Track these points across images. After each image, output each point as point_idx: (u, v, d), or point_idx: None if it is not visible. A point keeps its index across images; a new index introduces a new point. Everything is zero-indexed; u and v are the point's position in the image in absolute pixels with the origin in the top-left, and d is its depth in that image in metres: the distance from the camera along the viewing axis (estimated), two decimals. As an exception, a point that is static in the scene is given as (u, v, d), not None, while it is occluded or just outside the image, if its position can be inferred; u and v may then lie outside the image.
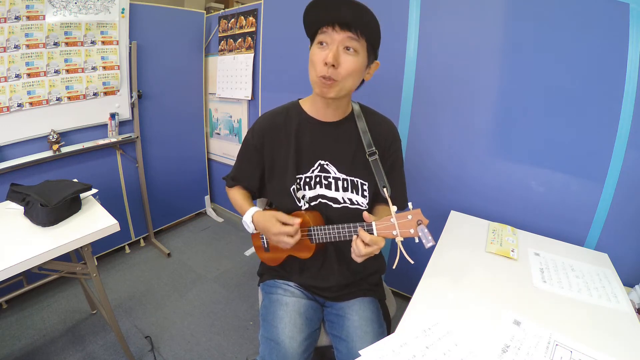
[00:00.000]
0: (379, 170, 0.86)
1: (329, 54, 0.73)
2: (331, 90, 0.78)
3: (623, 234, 1.14)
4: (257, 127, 0.93)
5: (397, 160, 0.95)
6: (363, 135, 0.89)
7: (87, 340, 1.51)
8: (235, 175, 1.01)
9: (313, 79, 0.79)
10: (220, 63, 2.32)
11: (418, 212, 0.72)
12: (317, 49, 0.77)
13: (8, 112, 1.52)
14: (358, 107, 0.93)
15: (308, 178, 0.90)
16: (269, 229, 0.86)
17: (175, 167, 2.41)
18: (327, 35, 0.75)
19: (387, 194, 0.82)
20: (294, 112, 0.92)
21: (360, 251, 0.75)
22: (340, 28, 0.74)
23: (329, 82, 0.76)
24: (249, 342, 1.54)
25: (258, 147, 0.92)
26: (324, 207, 0.90)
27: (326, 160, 0.90)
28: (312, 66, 0.79)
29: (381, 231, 0.75)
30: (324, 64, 0.74)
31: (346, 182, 0.90)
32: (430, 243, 0.69)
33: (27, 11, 1.49)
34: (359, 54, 0.76)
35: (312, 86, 0.81)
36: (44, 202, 1.08)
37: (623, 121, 1.06)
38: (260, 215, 0.90)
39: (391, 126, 0.95)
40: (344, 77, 0.76)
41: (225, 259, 2.18)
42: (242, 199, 0.98)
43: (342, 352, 0.86)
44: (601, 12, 1.05)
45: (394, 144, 0.93)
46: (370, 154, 0.87)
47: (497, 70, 1.28)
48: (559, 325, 0.73)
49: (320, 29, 0.76)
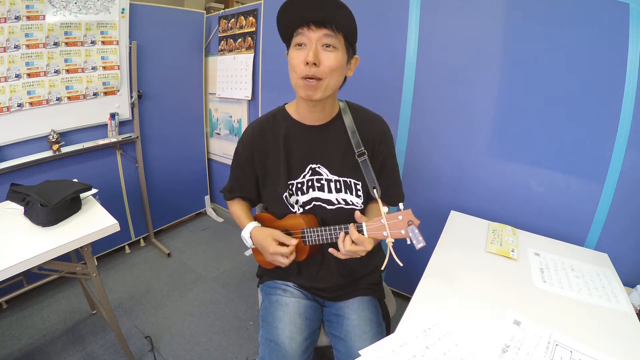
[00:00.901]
0: (369, 171, 0.86)
1: (309, 53, 0.72)
2: (317, 92, 0.77)
3: (623, 234, 1.13)
4: (245, 137, 0.93)
5: (389, 156, 0.93)
6: (351, 135, 0.88)
7: (87, 340, 1.51)
8: (231, 186, 1.01)
9: (296, 82, 0.78)
10: (220, 63, 2.32)
11: (409, 212, 0.71)
12: (296, 51, 0.76)
13: (8, 112, 1.52)
14: (345, 105, 0.92)
15: (300, 183, 0.90)
16: (265, 248, 0.87)
17: (175, 167, 2.41)
18: (303, 36, 0.74)
19: (377, 195, 0.82)
20: (280, 118, 0.92)
21: (345, 247, 0.75)
22: (315, 26, 0.73)
23: (312, 82, 0.75)
24: (249, 342, 1.53)
25: (249, 157, 0.92)
26: (319, 209, 0.90)
27: (317, 163, 0.90)
28: (292, 70, 0.78)
29: (372, 232, 0.74)
30: (305, 64, 0.74)
31: (339, 183, 0.89)
32: (420, 244, 0.68)
33: (27, 11, 1.49)
34: (338, 50, 0.76)
35: (296, 90, 0.80)
36: (44, 202, 1.08)
37: (623, 121, 1.06)
38: (258, 232, 0.91)
39: (380, 122, 0.93)
40: (327, 74, 0.75)
41: (225, 259, 2.18)
42: (241, 213, 0.99)
43: (341, 351, 0.86)
44: (601, 12, 1.05)
45: (384, 141, 0.91)
46: (359, 155, 0.86)
47: (497, 71, 1.27)
48: (559, 325, 0.73)
49: (294, 32, 0.76)
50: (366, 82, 1.55)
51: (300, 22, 0.74)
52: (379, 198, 0.81)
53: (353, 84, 1.02)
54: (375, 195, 0.82)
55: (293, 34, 0.76)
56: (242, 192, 1.00)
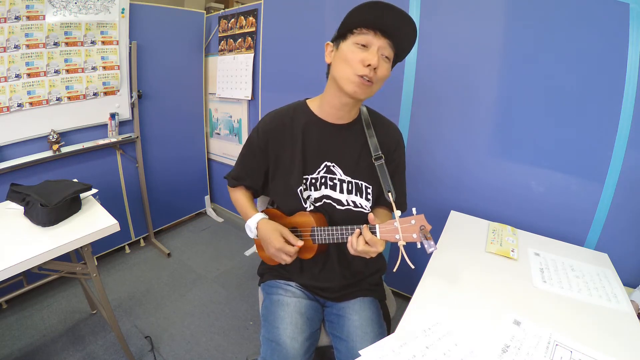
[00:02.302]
0: (385, 174, 0.86)
1: (374, 57, 0.74)
2: (367, 92, 0.79)
3: (623, 234, 1.14)
4: (262, 126, 0.93)
5: (400, 165, 0.96)
6: (370, 138, 0.89)
7: (87, 340, 1.51)
8: (238, 174, 1.00)
9: (348, 76, 0.77)
10: (220, 63, 2.32)
11: (421, 217, 0.72)
12: (357, 48, 0.76)
13: (8, 112, 1.52)
14: (366, 110, 0.94)
15: (314, 179, 0.90)
16: (271, 242, 0.87)
17: (175, 167, 2.41)
18: (368, 38, 0.75)
19: (392, 198, 0.83)
20: (300, 112, 0.92)
21: (358, 246, 0.75)
22: (381, 34, 0.75)
23: (367, 82, 0.76)
24: (249, 342, 1.54)
25: (262, 146, 0.92)
26: (329, 207, 0.91)
27: (332, 161, 0.90)
28: (346, 64, 0.77)
29: (384, 234, 0.75)
30: (366, 66, 0.74)
31: (351, 184, 0.90)
32: (432, 248, 0.69)
33: (27, 11, 1.49)
34: (389, 63, 0.79)
35: (341, 84, 0.79)
36: (44, 202, 1.08)
37: (623, 121, 1.06)
38: (266, 224, 0.90)
39: (396, 131, 0.96)
40: (378, 81, 0.78)
41: (225, 259, 2.18)
42: (246, 202, 0.98)
43: (342, 352, 0.86)
44: (601, 12, 1.05)
45: (398, 149, 0.94)
46: (376, 158, 0.88)
47: (497, 70, 1.28)
48: (559, 325, 0.73)
49: (356, 28, 0.76)
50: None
51: (369, 24, 0.75)
52: (394, 202, 0.81)
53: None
54: (389, 199, 0.83)
55: (354, 30, 0.77)
56: (249, 181, 0.99)
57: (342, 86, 0.79)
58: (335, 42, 0.82)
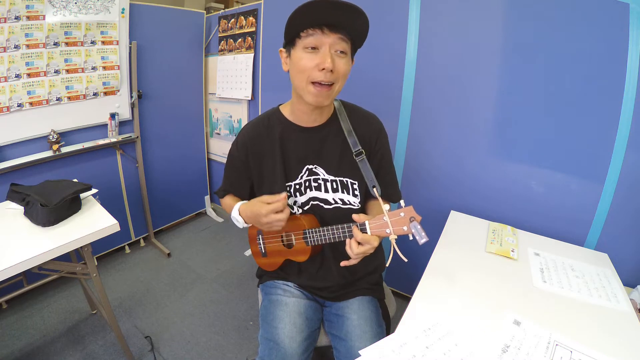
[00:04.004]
0: (368, 170, 0.85)
1: (326, 59, 0.70)
2: (329, 95, 0.76)
3: (623, 234, 1.13)
4: (240, 139, 0.93)
5: (385, 155, 0.93)
6: (348, 135, 0.87)
7: (87, 340, 1.51)
8: (225, 188, 1.01)
9: (302, 86, 0.75)
10: (220, 63, 2.32)
11: (410, 209, 0.71)
12: (306, 53, 0.73)
13: (8, 112, 1.52)
14: (339, 105, 0.91)
15: (298, 185, 0.90)
16: (257, 213, 0.81)
17: (175, 167, 2.41)
18: (316, 39, 0.71)
19: (378, 193, 0.82)
20: (275, 120, 0.91)
21: (354, 250, 0.75)
22: (329, 30, 0.71)
23: (325, 89, 0.74)
24: (249, 342, 1.53)
25: (243, 159, 0.92)
26: (317, 208, 0.90)
27: (314, 163, 0.89)
28: (300, 73, 0.74)
29: (374, 230, 0.74)
30: (320, 70, 0.71)
31: (335, 182, 0.89)
32: (423, 239, 0.68)
33: (27, 11, 1.49)
34: (347, 56, 0.75)
35: (302, 94, 0.77)
36: (44, 202, 1.08)
37: (623, 121, 1.06)
38: (246, 205, 0.89)
39: (375, 121, 0.93)
40: (339, 79, 0.75)
41: (225, 259, 2.18)
42: (231, 202, 0.97)
43: (341, 351, 0.86)
44: (601, 12, 1.05)
45: (380, 138, 0.91)
46: (357, 154, 0.86)
47: (497, 71, 1.27)
48: (559, 325, 0.73)
49: (302, 32, 0.72)
50: (366, 82, 1.55)
51: (313, 24, 0.71)
52: (380, 196, 0.81)
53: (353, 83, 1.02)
54: (375, 194, 0.82)
55: (300, 33, 0.73)
56: (236, 193, 1.00)
57: (302, 96, 0.78)
58: (286, 48, 0.79)
